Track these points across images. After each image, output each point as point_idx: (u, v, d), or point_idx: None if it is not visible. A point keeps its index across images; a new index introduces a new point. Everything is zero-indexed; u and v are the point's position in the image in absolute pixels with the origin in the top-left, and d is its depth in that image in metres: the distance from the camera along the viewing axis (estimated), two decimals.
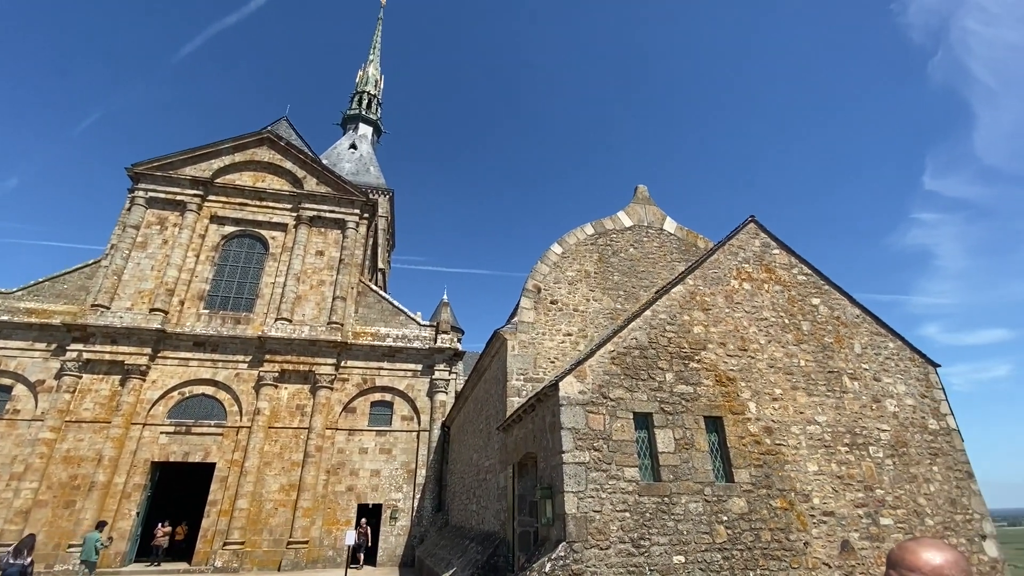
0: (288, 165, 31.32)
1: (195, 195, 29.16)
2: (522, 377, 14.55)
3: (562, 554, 8.81)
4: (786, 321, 12.38)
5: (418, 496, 25.52)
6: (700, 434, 10.41)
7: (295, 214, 30.19)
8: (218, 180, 30.13)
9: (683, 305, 11.91)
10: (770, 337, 12.04)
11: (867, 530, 10.48)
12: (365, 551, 23.74)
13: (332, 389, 26.43)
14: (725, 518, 9.76)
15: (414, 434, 26.92)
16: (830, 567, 9.96)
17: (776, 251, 13.35)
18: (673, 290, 12.15)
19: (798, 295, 12.87)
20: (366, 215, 31.59)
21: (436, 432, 26.63)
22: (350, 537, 19.14)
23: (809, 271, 13.27)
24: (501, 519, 13.68)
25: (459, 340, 30.34)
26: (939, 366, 13.05)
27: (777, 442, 10.79)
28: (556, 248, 16.67)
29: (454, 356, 28.59)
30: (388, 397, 27.52)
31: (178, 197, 28.93)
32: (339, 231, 30.51)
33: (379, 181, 45.70)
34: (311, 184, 31.05)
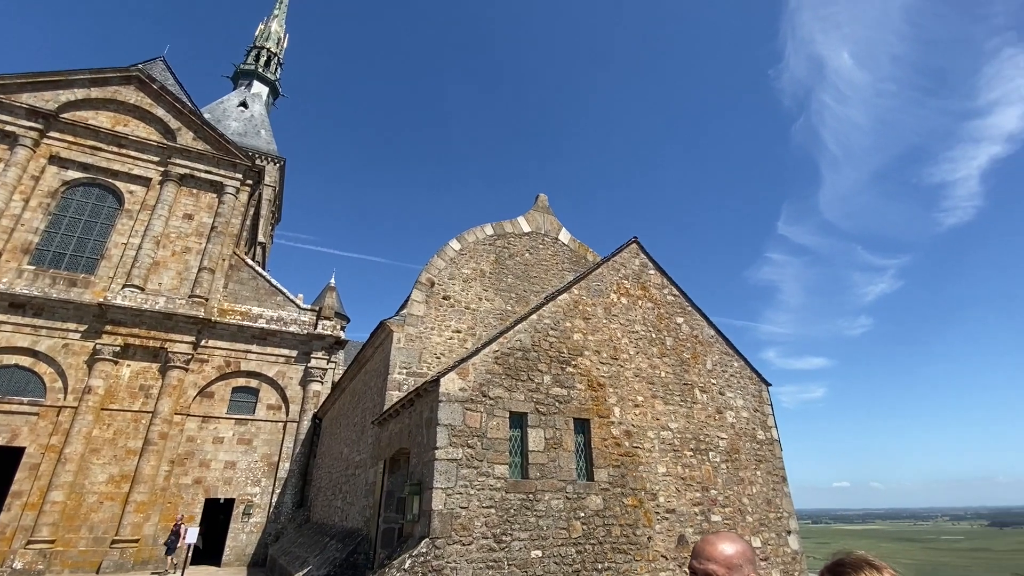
0: (160, 112, 27.45)
1: (31, 128, 24.35)
2: (405, 371, 14.24)
3: (424, 550, 8.76)
4: (653, 336, 13.58)
5: (278, 491, 23.76)
6: (569, 435, 11.00)
7: (163, 169, 26.51)
8: (66, 115, 25.46)
9: (567, 312, 12.52)
10: (639, 349, 13.12)
11: (700, 526, 11.84)
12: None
13: (187, 370, 23.62)
14: (582, 514, 10.41)
15: (280, 425, 25.03)
16: (667, 559, 11.08)
17: (652, 271, 14.60)
18: (559, 297, 12.72)
19: (666, 313, 14.19)
20: (250, 181, 28.75)
21: (306, 424, 25.03)
22: (191, 535, 17.24)
23: (677, 293, 14.70)
24: (366, 516, 13.25)
25: (343, 328, 28.85)
26: (771, 385, 15.20)
27: (634, 445, 11.78)
28: (455, 244, 16.60)
29: (335, 344, 27.12)
30: (254, 383, 25.27)
31: (7, 127, 23.95)
32: (215, 195, 27.37)
33: (270, 147, 41.93)
34: (186, 138, 27.51)
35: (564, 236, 19.39)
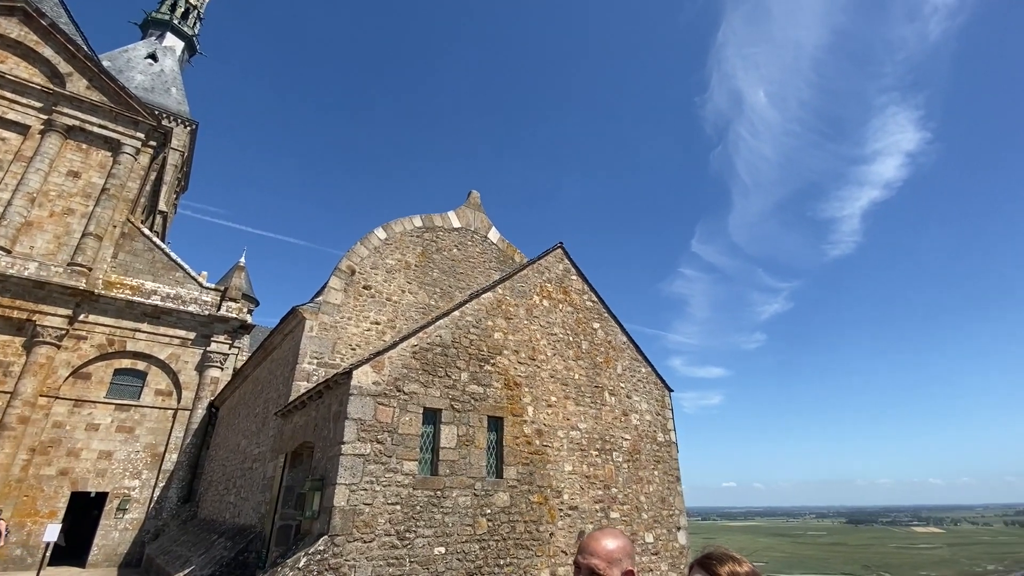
0: (47, 52, 24.03)
1: None
2: (316, 361, 13.59)
3: (321, 548, 8.41)
4: (571, 339, 14.03)
5: (162, 484, 21.72)
6: (482, 432, 11.06)
7: (45, 116, 23.25)
8: None
9: (490, 311, 12.59)
10: (556, 351, 13.49)
11: (600, 522, 12.40)
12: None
13: (59, 347, 20.92)
14: (489, 511, 10.52)
15: (170, 412, 22.90)
16: (567, 554, 11.49)
17: (574, 277, 15.08)
18: (484, 295, 12.76)
19: (584, 318, 14.72)
20: (153, 142, 26.00)
21: (201, 412, 23.09)
22: (51, 532, 15.30)
23: (596, 299, 15.30)
24: (262, 512, 12.48)
25: (250, 312, 26.95)
26: (673, 391, 16.25)
27: (544, 444, 12.10)
28: (380, 232, 16.09)
29: (240, 328, 25.26)
30: (142, 366, 22.92)
31: None
32: (110, 154, 24.42)
33: (180, 107, 38.15)
34: (78, 85, 24.30)
35: (493, 235, 19.47)
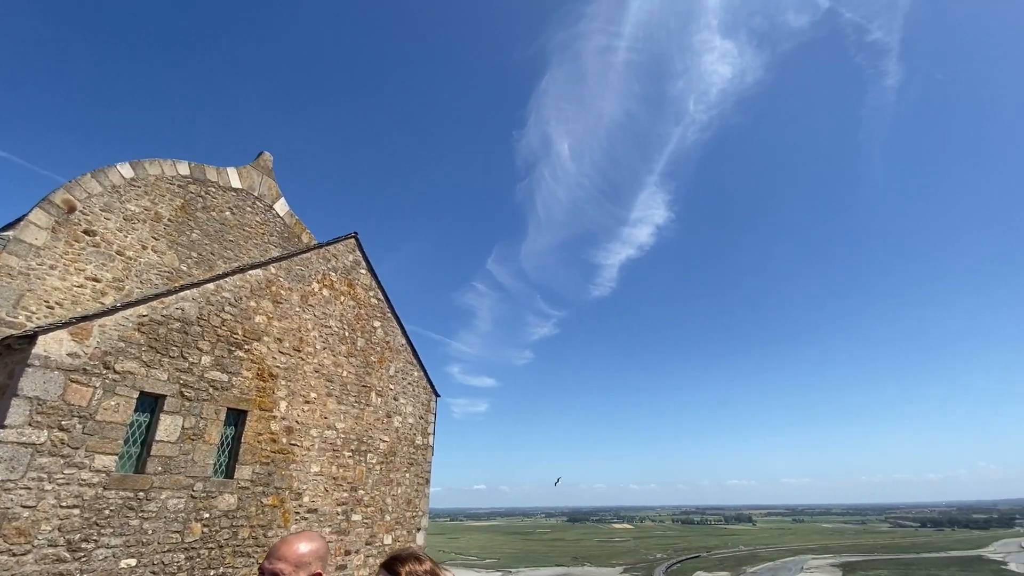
0: None
1: None
2: None
3: None
4: (347, 334, 13.43)
5: None
6: (216, 426, 9.67)
7: None
8: None
9: (256, 290, 11.22)
10: (327, 345, 12.73)
11: (339, 525, 11.97)
12: None
13: None
14: (207, 515, 9.20)
15: None
16: None
17: (364, 271, 14.55)
18: (252, 271, 11.33)
19: (366, 314, 14.28)
20: None
21: None
22: None
23: (382, 297, 15.01)
24: None
25: None
26: (439, 396, 16.85)
27: (292, 442, 11.20)
28: (125, 169, 12.90)
29: None
30: None
31: None
32: None
33: None
34: None
35: (281, 207, 17.51)
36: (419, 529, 14.80)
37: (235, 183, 16.07)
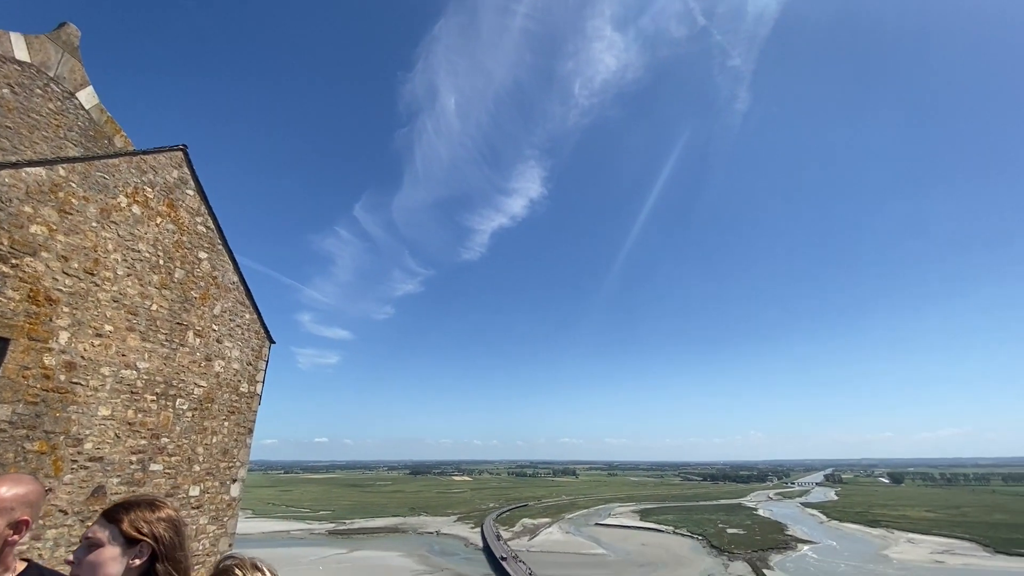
0: None
1: None
2: None
3: None
4: (161, 263, 11.59)
5: None
6: None
7: None
8: None
9: (34, 193, 9.05)
10: (133, 271, 10.85)
11: (132, 476, 10.57)
12: None
13: None
14: None
15: None
16: (67, 513, 9.27)
17: (190, 192, 12.58)
18: (32, 169, 9.09)
19: (189, 243, 12.44)
20: None
21: None
22: None
23: (212, 226, 13.20)
24: None
25: None
26: (274, 343, 15.59)
27: (74, 381, 9.48)
28: None
29: None
30: None
31: None
32: None
33: None
34: None
35: (87, 96, 14.18)
36: (235, 480, 13.78)
37: (20, 55, 12.60)
